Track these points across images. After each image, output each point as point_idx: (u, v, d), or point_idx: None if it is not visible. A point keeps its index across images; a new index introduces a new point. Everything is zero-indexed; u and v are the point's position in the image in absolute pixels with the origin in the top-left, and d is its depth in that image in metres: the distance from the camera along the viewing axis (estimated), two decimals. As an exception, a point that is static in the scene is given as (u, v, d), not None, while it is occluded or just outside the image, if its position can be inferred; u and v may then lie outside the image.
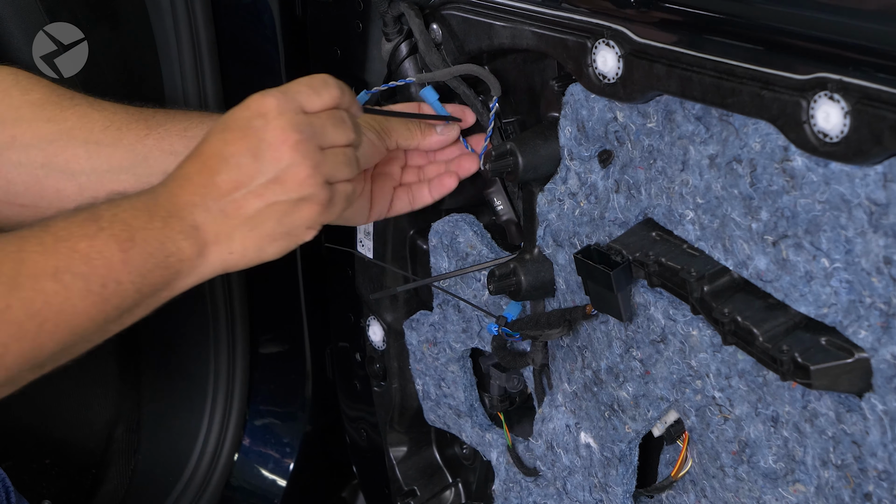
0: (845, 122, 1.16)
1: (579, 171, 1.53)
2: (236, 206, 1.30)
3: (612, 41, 1.39)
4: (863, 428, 1.24)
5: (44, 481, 2.20)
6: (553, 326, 1.57)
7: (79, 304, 1.21)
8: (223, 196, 1.30)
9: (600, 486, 1.63)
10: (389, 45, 1.71)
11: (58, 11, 2.02)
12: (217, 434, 2.31)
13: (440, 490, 2.01)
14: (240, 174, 1.31)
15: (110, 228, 1.24)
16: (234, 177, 1.31)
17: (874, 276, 1.19)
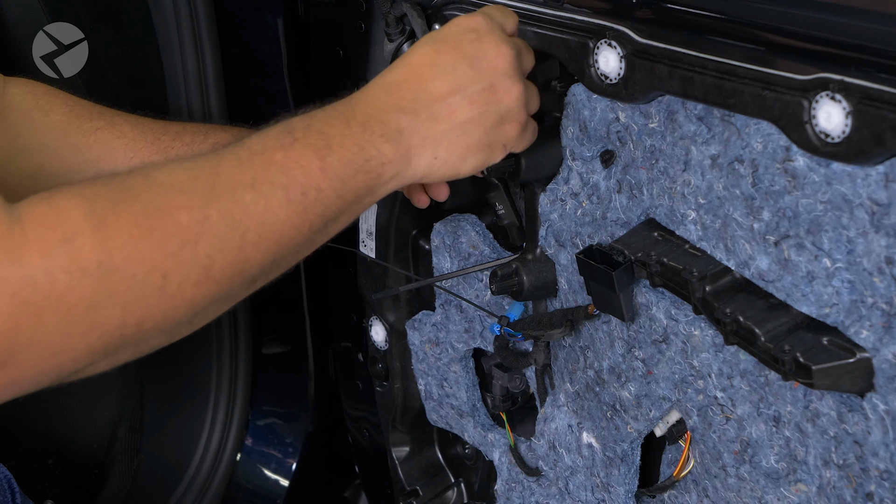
0: (847, 122, 1.16)
1: (581, 171, 1.53)
2: (449, 110, 1.32)
3: (614, 41, 1.39)
4: (864, 428, 1.24)
5: (47, 481, 2.21)
6: (555, 326, 1.57)
7: (280, 213, 1.19)
8: (436, 101, 1.32)
9: (602, 485, 1.63)
10: (392, 45, 1.71)
11: (59, 11, 2.02)
12: (220, 434, 2.31)
13: (442, 490, 2.01)
14: (455, 80, 1.32)
15: (305, 138, 1.22)
16: (449, 82, 1.32)
17: (876, 276, 1.19)
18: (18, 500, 1.58)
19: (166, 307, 1.12)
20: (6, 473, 1.58)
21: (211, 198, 1.15)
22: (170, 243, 1.11)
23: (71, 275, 1.06)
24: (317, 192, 1.21)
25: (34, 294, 1.04)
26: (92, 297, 1.07)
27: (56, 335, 1.06)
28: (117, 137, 1.60)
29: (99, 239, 1.08)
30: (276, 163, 1.19)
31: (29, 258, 1.04)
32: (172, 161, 1.18)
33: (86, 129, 1.59)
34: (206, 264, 1.14)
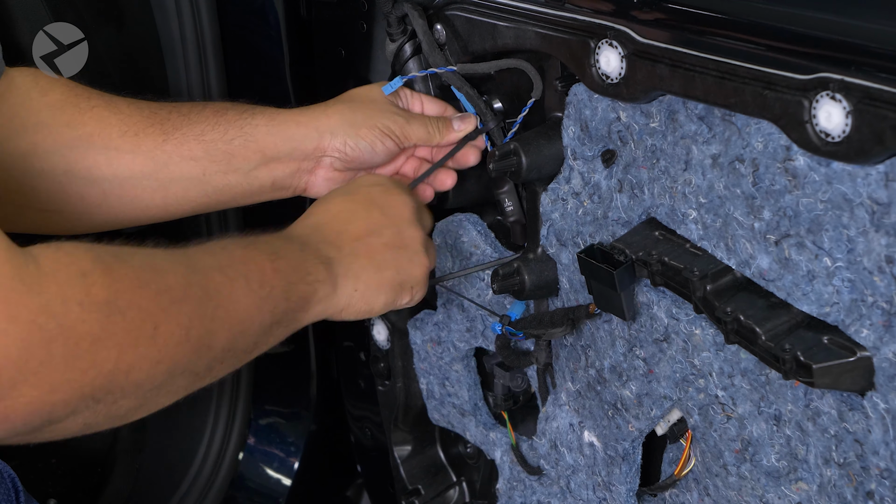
0: (847, 121, 1.16)
1: (583, 170, 1.53)
2: (367, 248, 1.49)
3: (615, 41, 1.39)
4: (865, 426, 1.24)
5: (50, 480, 2.21)
6: (556, 325, 1.58)
7: (242, 298, 1.31)
8: (356, 240, 1.49)
9: (604, 484, 1.63)
10: (393, 45, 1.71)
11: (60, 11, 2.02)
12: (222, 433, 2.31)
13: (444, 489, 2.01)
14: (370, 223, 1.51)
15: (258, 246, 1.37)
16: (365, 225, 1.51)
17: (876, 275, 1.19)
18: (22, 498, 1.58)
19: (153, 359, 1.20)
20: (10, 472, 1.59)
21: (190, 271, 1.27)
22: (162, 298, 1.21)
23: (83, 307, 1.12)
24: (270, 287, 1.35)
25: (48, 322, 1.10)
26: (97, 333, 1.13)
27: (60, 367, 1.11)
28: (113, 114, 1.60)
29: (108, 280, 1.16)
30: (237, 256, 1.33)
31: (47, 288, 1.11)
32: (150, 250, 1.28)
33: (83, 107, 1.59)
34: (187, 325, 1.23)
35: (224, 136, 1.61)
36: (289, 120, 1.63)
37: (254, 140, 1.61)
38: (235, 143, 1.61)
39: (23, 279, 1.09)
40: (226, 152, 1.61)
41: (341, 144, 1.62)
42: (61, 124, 1.58)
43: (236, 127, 1.61)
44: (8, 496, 1.57)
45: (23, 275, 1.09)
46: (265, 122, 1.62)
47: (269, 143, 1.62)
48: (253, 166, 1.62)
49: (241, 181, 1.63)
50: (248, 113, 1.63)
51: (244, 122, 1.62)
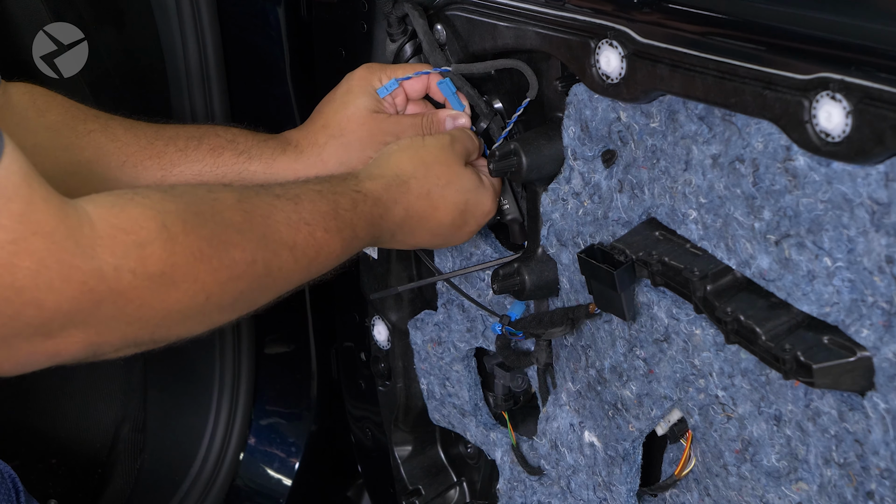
0: (847, 121, 1.16)
1: (583, 170, 1.53)
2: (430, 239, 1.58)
3: (615, 41, 1.39)
4: (865, 426, 1.24)
5: (50, 481, 2.21)
6: (556, 325, 1.58)
7: (296, 276, 1.38)
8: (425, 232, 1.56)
9: (604, 484, 1.63)
10: (394, 45, 1.72)
11: (60, 11, 2.02)
12: (223, 433, 2.31)
13: (445, 489, 2.01)
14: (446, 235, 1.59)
15: (343, 230, 1.41)
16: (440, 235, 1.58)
17: (876, 275, 1.19)
18: (23, 498, 1.58)
19: (196, 323, 1.28)
20: (11, 472, 1.59)
21: (260, 246, 1.31)
22: (221, 273, 1.26)
23: (136, 276, 1.18)
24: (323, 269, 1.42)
25: (99, 285, 1.15)
26: (146, 300, 1.20)
27: (106, 322, 1.18)
28: (110, 141, 1.61)
29: (167, 252, 1.20)
30: (316, 239, 1.38)
31: (100, 254, 1.15)
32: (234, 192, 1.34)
33: (79, 130, 1.61)
34: (237, 297, 1.30)
35: (222, 179, 1.64)
36: (286, 168, 1.65)
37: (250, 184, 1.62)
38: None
39: (76, 241, 1.14)
40: None
41: None
42: (59, 148, 1.59)
43: (234, 171, 1.64)
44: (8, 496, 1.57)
45: (76, 237, 1.14)
46: (262, 169, 1.64)
47: None
48: None
49: None
50: (245, 156, 1.64)
51: (241, 167, 1.64)
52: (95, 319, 1.17)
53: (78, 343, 1.18)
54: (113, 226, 1.17)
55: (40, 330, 1.15)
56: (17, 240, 1.10)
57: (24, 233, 1.11)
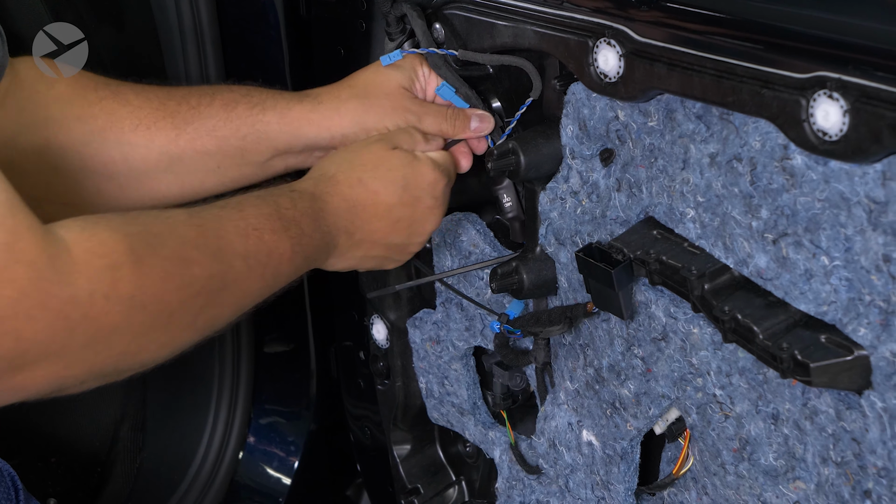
0: (844, 120, 1.16)
1: (581, 169, 1.53)
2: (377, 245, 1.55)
3: (613, 40, 1.39)
4: (862, 425, 1.24)
5: (49, 479, 2.21)
6: (554, 323, 1.58)
7: (253, 286, 1.37)
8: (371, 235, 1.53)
9: (602, 483, 1.63)
10: (392, 44, 1.71)
11: (60, 11, 2.02)
12: (222, 432, 2.31)
13: (443, 488, 2.01)
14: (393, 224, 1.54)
15: (289, 230, 1.40)
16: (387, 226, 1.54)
17: (873, 274, 1.20)
18: (22, 496, 1.58)
19: (161, 343, 1.27)
20: (10, 470, 1.59)
21: (216, 259, 1.31)
22: (183, 291, 1.26)
23: (108, 300, 1.17)
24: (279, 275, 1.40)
25: (74, 312, 1.15)
26: (117, 324, 1.19)
27: (76, 351, 1.17)
28: (122, 105, 1.60)
29: (137, 274, 1.20)
30: (265, 243, 1.37)
31: (76, 279, 1.15)
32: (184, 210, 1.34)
33: (90, 98, 1.59)
34: (197, 313, 1.30)
35: (236, 132, 1.62)
36: (301, 118, 1.63)
37: (266, 137, 1.62)
38: (248, 140, 1.62)
39: (56, 268, 1.14)
40: (239, 147, 1.62)
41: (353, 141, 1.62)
42: (72, 118, 1.58)
43: (248, 124, 1.62)
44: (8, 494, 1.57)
45: (56, 264, 1.14)
46: (276, 119, 1.62)
47: (282, 140, 1.63)
48: (266, 159, 1.64)
49: (256, 171, 1.66)
50: (259, 108, 1.63)
51: (255, 118, 1.62)
52: (67, 350, 1.16)
53: (45, 377, 1.17)
54: (87, 250, 1.17)
55: (12, 363, 1.14)
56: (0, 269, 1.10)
57: (8, 262, 1.10)
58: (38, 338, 1.13)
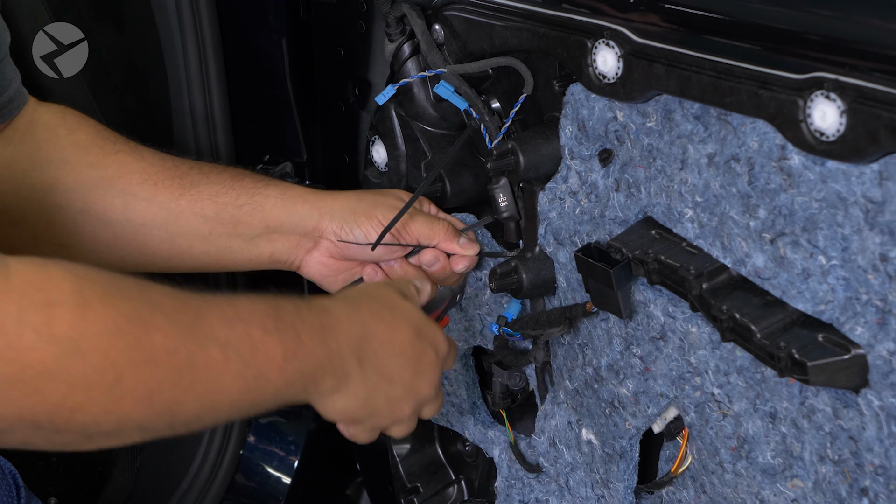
0: (841, 120, 1.17)
1: (580, 169, 1.54)
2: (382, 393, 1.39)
3: (611, 41, 1.40)
4: (859, 423, 1.25)
5: (50, 479, 2.21)
6: (554, 325, 1.58)
7: (229, 381, 1.23)
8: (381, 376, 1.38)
9: (602, 481, 1.64)
10: (392, 45, 1.72)
11: (60, 11, 2.03)
12: (222, 432, 2.32)
13: (443, 487, 2.02)
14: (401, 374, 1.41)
15: (284, 332, 1.27)
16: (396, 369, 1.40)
17: (870, 273, 1.20)
18: (23, 494, 1.59)
19: (103, 407, 1.14)
20: (11, 469, 1.59)
21: (187, 335, 1.19)
22: (136, 354, 1.14)
23: (39, 336, 1.08)
24: (264, 381, 1.25)
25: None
26: (47, 366, 1.09)
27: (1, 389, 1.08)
28: (136, 160, 1.63)
29: (78, 317, 1.11)
30: (252, 338, 1.24)
31: (5, 305, 1.07)
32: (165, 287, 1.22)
33: (108, 150, 1.62)
34: (154, 388, 1.16)
35: (236, 200, 1.64)
36: (297, 196, 1.66)
37: (261, 209, 1.65)
38: (244, 210, 1.64)
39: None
40: (234, 216, 1.64)
41: (338, 228, 1.64)
42: (85, 164, 1.61)
43: (248, 194, 1.65)
44: (9, 492, 1.57)
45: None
46: (276, 194, 1.65)
47: (274, 214, 1.65)
48: (256, 234, 1.66)
49: (243, 247, 1.66)
50: (263, 183, 1.66)
51: (257, 190, 1.65)
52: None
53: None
54: (27, 281, 1.09)
55: None
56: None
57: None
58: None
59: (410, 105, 1.75)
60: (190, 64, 2.11)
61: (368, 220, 1.64)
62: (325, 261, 1.68)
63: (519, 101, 1.61)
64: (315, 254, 1.68)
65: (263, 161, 2.10)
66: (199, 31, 2.10)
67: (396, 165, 1.78)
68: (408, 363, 1.41)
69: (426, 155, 1.77)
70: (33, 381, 1.09)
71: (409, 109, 1.76)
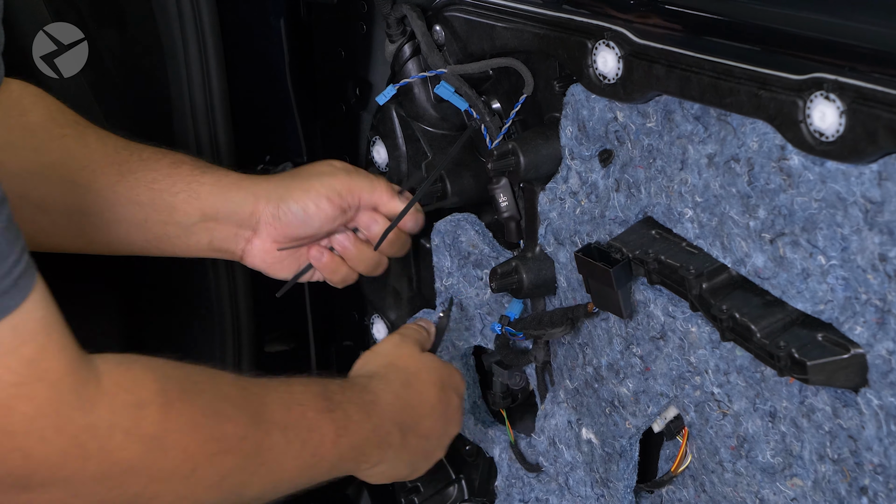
0: (841, 121, 1.17)
1: (580, 170, 1.54)
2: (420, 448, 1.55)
3: (612, 42, 1.40)
4: (859, 423, 1.25)
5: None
6: (556, 325, 1.59)
7: (289, 462, 1.34)
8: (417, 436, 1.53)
9: (601, 481, 1.64)
10: (393, 46, 1.73)
11: (60, 11, 2.03)
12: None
13: (443, 486, 2.02)
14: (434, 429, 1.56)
15: (335, 412, 1.39)
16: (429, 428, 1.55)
17: (870, 273, 1.20)
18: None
19: (178, 495, 1.24)
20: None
21: (253, 423, 1.29)
22: (211, 445, 1.24)
23: (128, 437, 1.16)
24: (320, 459, 1.38)
25: (90, 442, 1.14)
26: (133, 463, 1.17)
27: (87, 483, 1.15)
28: (81, 146, 1.61)
29: (163, 417, 1.19)
30: (308, 419, 1.35)
31: (99, 410, 1.14)
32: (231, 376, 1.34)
33: (54, 133, 1.60)
34: (225, 474, 1.26)
35: (172, 187, 1.63)
36: (231, 183, 1.65)
37: (196, 197, 1.63)
38: (180, 197, 1.63)
39: (79, 394, 1.13)
40: (169, 204, 1.63)
41: (274, 209, 1.63)
42: (30, 148, 1.58)
43: (185, 181, 1.63)
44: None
45: (80, 390, 1.13)
46: (211, 181, 1.64)
47: (210, 202, 1.63)
48: (192, 222, 1.64)
49: (180, 234, 1.65)
50: (200, 170, 1.65)
51: (193, 178, 1.63)
52: (78, 479, 1.15)
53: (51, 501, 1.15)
54: (116, 383, 1.17)
55: (19, 482, 1.13)
56: (20, 383, 1.10)
57: (30, 378, 1.10)
58: (50, 460, 1.12)
59: (411, 106, 1.75)
60: (191, 64, 2.11)
61: (305, 193, 1.63)
62: (269, 248, 1.67)
63: (519, 102, 1.61)
64: (256, 242, 1.66)
65: (264, 161, 2.09)
66: (200, 32, 2.10)
67: (397, 166, 1.79)
68: (439, 418, 1.55)
69: (427, 155, 1.77)
70: (119, 478, 1.17)
71: (409, 110, 1.76)
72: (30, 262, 1.12)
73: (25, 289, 1.10)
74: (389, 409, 1.48)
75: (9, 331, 1.09)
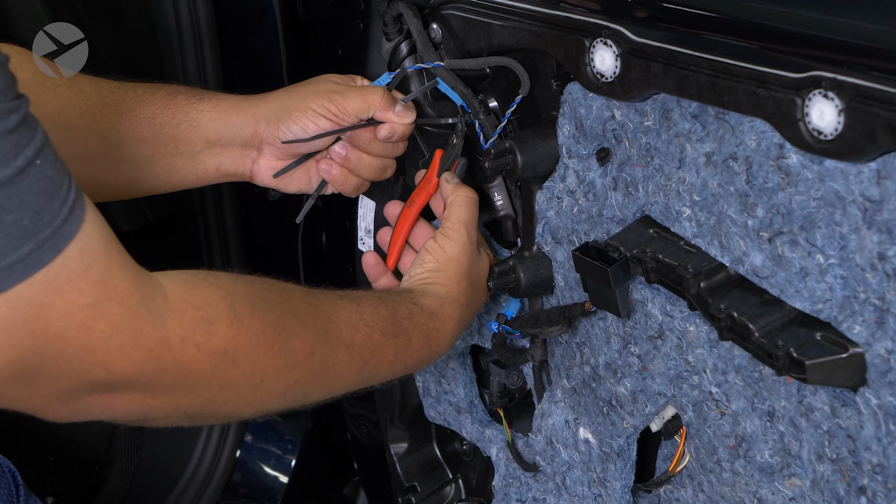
0: (839, 119, 1.17)
1: (578, 168, 1.54)
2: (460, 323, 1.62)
3: (609, 40, 1.40)
4: (857, 422, 1.25)
5: (48, 478, 2.21)
6: (553, 324, 1.58)
7: (349, 376, 1.43)
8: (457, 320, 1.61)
9: (599, 480, 1.64)
10: (389, 44, 1.72)
11: (60, 11, 2.03)
12: (219, 431, 2.32)
13: (440, 486, 2.02)
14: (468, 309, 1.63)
15: (398, 337, 1.47)
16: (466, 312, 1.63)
17: (868, 272, 1.20)
18: (22, 492, 1.59)
19: (246, 403, 1.32)
20: (11, 467, 1.60)
21: (320, 340, 1.37)
22: (279, 359, 1.31)
23: (200, 350, 1.23)
24: (375, 374, 1.47)
25: (165, 354, 1.20)
26: (205, 374, 1.24)
27: (164, 389, 1.23)
28: (75, 94, 1.62)
29: (233, 332, 1.26)
30: (373, 341, 1.44)
31: (170, 324, 1.20)
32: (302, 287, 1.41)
33: (47, 86, 1.62)
34: (290, 386, 1.34)
35: (172, 119, 1.65)
36: (230, 107, 1.67)
37: (198, 125, 1.65)
38: (182, 128, 1.65)
39: (149, 309, 1.18)
40: (173, 136, 1.65)
41: (275, 130, 1.65)
42: None
43: (183, 111, 1.65)
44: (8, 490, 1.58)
45: (150, 305, 1.19)
46: (210, 107, 1.66)
47: (211, 128, 1.65)
48: (198, 150, 1.66)
49: (188, 164, 1.67)
50: (196, 98, 1.66)
51: (191, 107, 1.66)
52: (155, 386, 1.21)
53: (133, 403, 1.22)
54: (185, 300, 1.22)
55: (102, 387, 1.19)
56: (94, 304, 1.14)
57: (102, 298, 1.15)
58: (128, 372, 1.18)
59: (408, 104, 1.75)
60: (188, 63, 2.12)
61: (304, 114, 1.64)
62: (275, 165, 1.69)
63: (514, 103, 1.61)
64: (262, 161, 1.68)
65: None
66: (198, 31, 2.10)
67: (394, 164, 1.78)
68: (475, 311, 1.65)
69: (424, 153, 1.77)
70: (193, 385, 1.25)
71: (406, 108, 1.75)
72: (78, 187, 1.15)
73: (81, 211, 1.13)
74: (450, 334, 1.57)
75: (76, 254, 1.12)
